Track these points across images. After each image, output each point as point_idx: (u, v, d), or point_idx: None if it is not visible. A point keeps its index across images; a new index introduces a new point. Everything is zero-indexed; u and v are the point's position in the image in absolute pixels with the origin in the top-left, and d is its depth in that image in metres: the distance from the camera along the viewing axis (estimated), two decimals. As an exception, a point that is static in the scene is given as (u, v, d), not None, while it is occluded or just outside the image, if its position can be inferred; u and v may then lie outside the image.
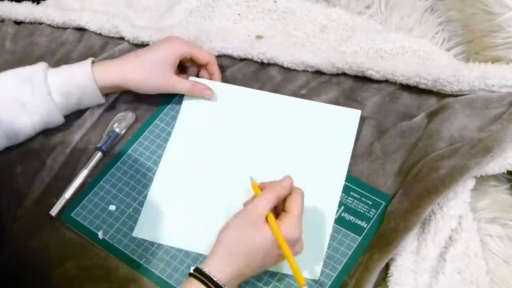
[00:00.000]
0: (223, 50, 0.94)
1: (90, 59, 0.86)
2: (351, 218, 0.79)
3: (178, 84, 0.87)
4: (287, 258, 0.69)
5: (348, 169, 0.82)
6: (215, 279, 0.66)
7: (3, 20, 1.05)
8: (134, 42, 0.98)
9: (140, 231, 0.80)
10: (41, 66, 0.84)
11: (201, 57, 0.90)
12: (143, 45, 0.97)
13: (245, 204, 0.72)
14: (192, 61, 0.91)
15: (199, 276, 0.67)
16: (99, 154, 0.86)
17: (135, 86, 0.87)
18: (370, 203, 0.79)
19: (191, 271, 0.68)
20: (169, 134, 0.88)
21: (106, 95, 0.89)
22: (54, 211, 0.82)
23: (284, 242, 0.68)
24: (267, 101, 0.89)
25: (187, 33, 0.95)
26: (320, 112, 0.87)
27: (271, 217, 0.69)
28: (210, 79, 0.91)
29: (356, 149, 0.84)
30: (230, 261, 0.68)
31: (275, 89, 0.91)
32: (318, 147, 0.84)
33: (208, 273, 0.67)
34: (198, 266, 0.68)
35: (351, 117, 0.85)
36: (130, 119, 0.90)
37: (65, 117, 0.87)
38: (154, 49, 0.87)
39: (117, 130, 0.88)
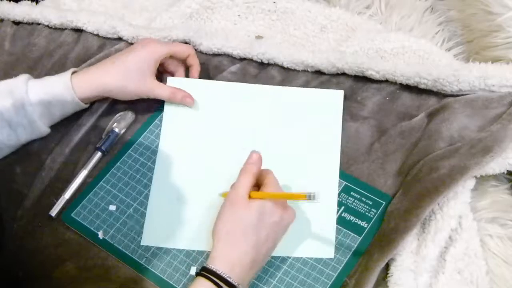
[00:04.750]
0: (223, 48, 0.94)
1: (70, 70, 0.84)
2: (351, 218, 0.79)
3: (157, 89, 0.85)
4: (281, 196, 0.74)
5: (348, 169, 0.82)
6: (222, 274, 0.67)
7: (2, 20, 1.04)
8: (133, 42, 0.97)
9: (147, 239, 0.80)
10: (22, 78, 0.82)
11: (181, 52, 0.87)
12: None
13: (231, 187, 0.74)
14: (172, 59, 0.89)
15: (206, 274, 0.67)
16: (98, 154, 0.86)
17: (113, 94, 0.85)
18: (370, 203, 0.79)
19: (196, 271, 0.69)
20: (169, 134, 0.88)
21: (91, 103, 0.88)
22: (54, 211, 0.82)
23: (273, 192, 0.72)
24: (250, 92, 0.89)
25: (186, 32, 0.95)
26: (303, 97, 0.87)
27: (253, 192, 0.72)
28: (188, 73, 0.89)
29: (356, 149, 0.84)
30: (234, 249, 0.69)
31: (275, 89, 0.91)
32: (307, 131, 0.85)
33: (215, 270, 0.67)
34: (204, 265, 0.68)
35: (334, 98, 0.87)
36: (130, 118, 0.89)
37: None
38: (131, 54, 0.84)
39: (117, 130, 0.88)
